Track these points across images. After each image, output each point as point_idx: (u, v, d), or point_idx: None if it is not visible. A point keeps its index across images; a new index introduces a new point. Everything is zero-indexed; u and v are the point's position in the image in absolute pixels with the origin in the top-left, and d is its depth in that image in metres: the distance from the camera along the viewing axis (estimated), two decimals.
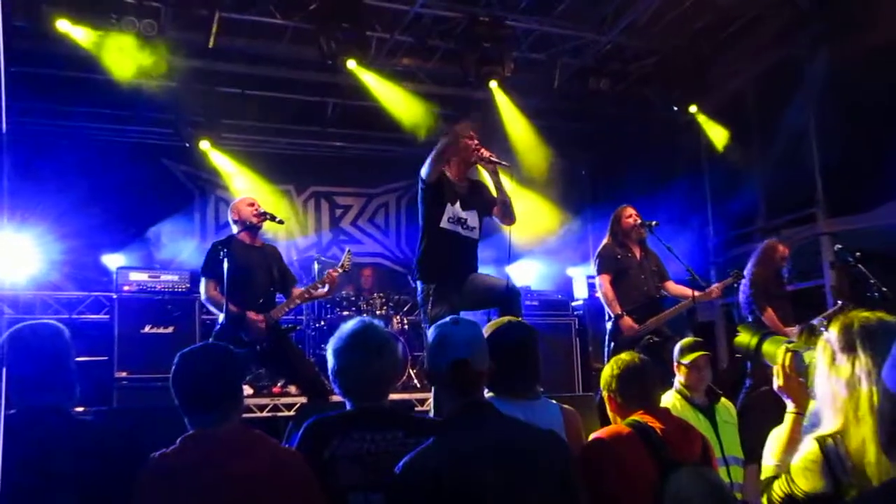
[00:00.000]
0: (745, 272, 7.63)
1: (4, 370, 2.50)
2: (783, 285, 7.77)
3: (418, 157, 12.06)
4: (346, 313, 9.84)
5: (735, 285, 7.42)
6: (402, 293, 10.78)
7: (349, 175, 12.90)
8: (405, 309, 10.75)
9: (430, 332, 2.74)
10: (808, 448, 2.42)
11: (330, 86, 10.64)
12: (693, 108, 10.62)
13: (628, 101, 11.11)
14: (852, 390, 2.33)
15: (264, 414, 8.24)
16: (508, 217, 5.83)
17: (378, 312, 10.00)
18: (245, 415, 8.11)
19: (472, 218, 5.78)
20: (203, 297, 6.23)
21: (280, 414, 8.17)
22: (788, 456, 2.57)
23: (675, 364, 4.96)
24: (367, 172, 12.96)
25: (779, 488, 2.54)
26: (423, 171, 5.68)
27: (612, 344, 7.00)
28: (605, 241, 7.42)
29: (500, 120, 10.57)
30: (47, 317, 9.10)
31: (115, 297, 8.83)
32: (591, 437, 3.37)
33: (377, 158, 12.76)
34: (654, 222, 7.31)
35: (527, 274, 11.73)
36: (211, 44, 9.08)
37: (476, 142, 5.75)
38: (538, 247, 11.94)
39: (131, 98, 9.43)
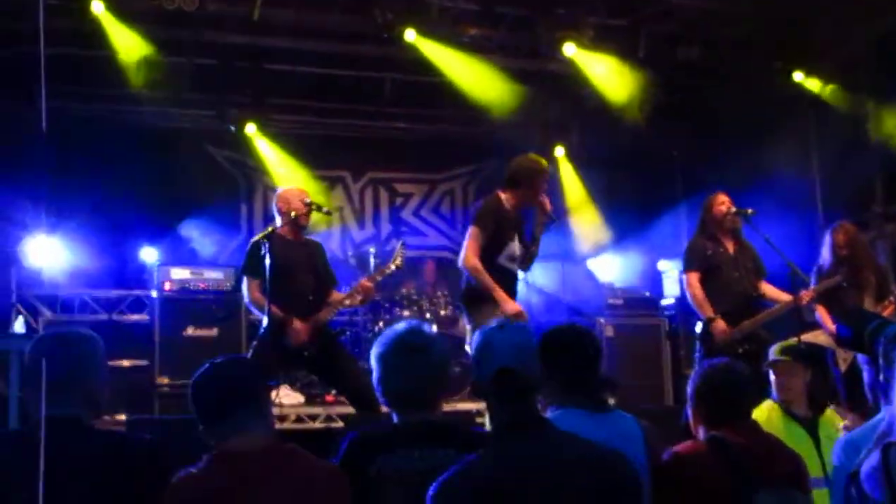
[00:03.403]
0: None
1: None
2: (847, 275, 7.52)
3: (487, 139, 12.42)
4: (406, 313, 10.01)
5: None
6: None
7: (410, 159, 13.03)
8: None
9: (475, 339, 2.84)
10: (875, 460, 2.50)
11: (387, 60, 10.72)
12: (799, 76, 10.46)
13: (723, 73, 11.00)
14: None
15: (317, 424, 8.47)
16: (524, 265, 6.67)
17: (442, 312, 10.14)
18: (297, 424, 8.42)
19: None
20: (246, 298, 6.47)
21: (334, 425, 8.36)
22: None
23: None
24: (429, 156, 13.06)
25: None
26: None
27: (703, 350, 7.04)
28: (695, 233, 7.43)
29: (581, 88, 10.62)
30: (86, 317, 9.50)
31: (155, 295, 9.14)
32: (667, 452, 3.43)
33: (441, 140, 12.87)
34: (750, 210, 7.31)
35: (610, 268, 11.76)
36: (255, 16, 9.25)
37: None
38: (624, 237, 11.96)
39: (169, 78, 9.70)
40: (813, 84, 10.54)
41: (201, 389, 2.85)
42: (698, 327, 7.19)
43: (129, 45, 9.12)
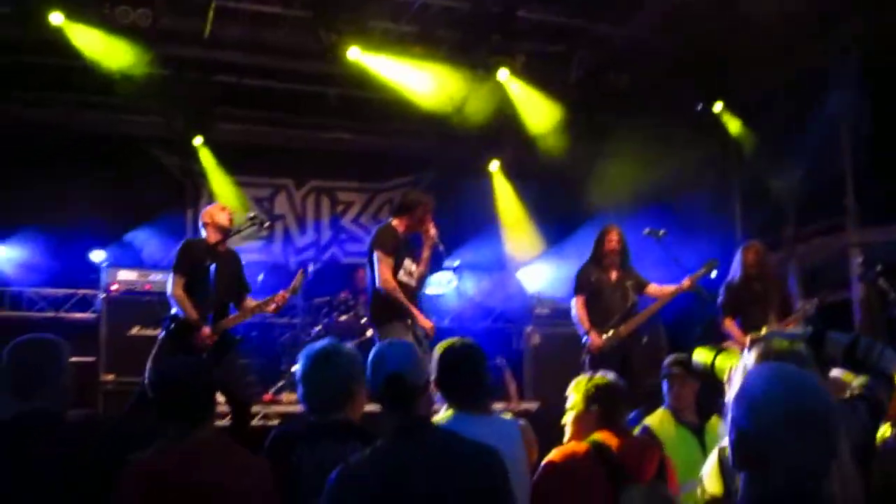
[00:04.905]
0: None
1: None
2: (755, 292, 8.21)
3: (426, 150, 12.87)
4: (343, 318, 10.44)
5: (710, 275, 8.02)
6: None
7: (352, 170, 13.35)
8: None
9: (370, 355, 3.35)
10: (714, 456, 3.09)
11: (331, 75, 11.16)
12: (718, 107, 11.12)
13: (650, 99, 11.61)
14: None
15: (255, 423, 8.83)
16: (418, 283, 7.45)
17: None
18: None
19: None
20: (170, 292, 6.91)
21: (270, 423, 8.76)
22: None
23: None
24: (371, 167, 13.39)
25: (700, 495, 3.21)
26: None
27: (586, 359, 7.96)
28: (587, 260, 8.31)
29: (512, 113, 11.17)
30: (33, 313, 9.84)
31: (102, 296, 9.50)
32: (545, 460, 3.95)
33: (382, 151, 13.20)
34: (661, 231, 8.02)
35: (539, 278, 12.23)
36: (206, 32, 9.66)
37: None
38: (554, 248, 12.42)
39: (120, 88, 9.96)
40: (728, 118, 11.18)
41: (168, 388, 3.36)
42: (584, 341, 8.07)
43: (84, 54, 9.41)
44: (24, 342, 3.52)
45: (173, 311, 6.88)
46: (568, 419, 4.14)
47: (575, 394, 4.13)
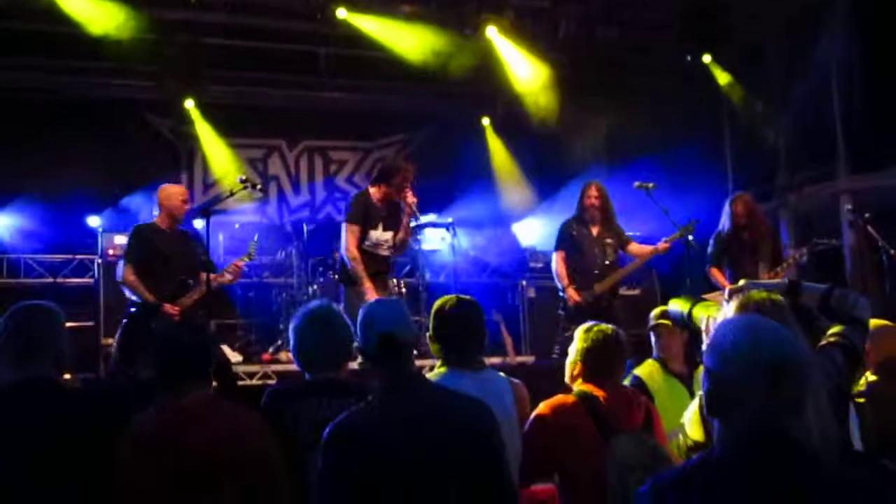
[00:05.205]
0: None
1: None
2: (745, 242, 8.31)
3: (418, 108, 12.93)
4: (337, 276, 10.51)
5: (689, 238, 8.11)
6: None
7: (344, 128, 13.40)
8: (403, 272, 11.43)
9: (359, 315, 3.44)
10: (695, 403, 3.20)
11: (322, 34, 11.19)
12: (707, 58, 11.14)
13: (640, 52, 11.64)
14: None
15: (254, 382, 8.95)
16: (399, 250, 7.84)
17: None
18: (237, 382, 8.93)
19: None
20: (121, 279, 7.05)
21: (270, 382, 8.88)
22: None
23: None
24: (363, 125, 13.45)
25: (682, 441, 3.32)
26: None
27: (563, 313, 8.28)
28: (570, 217, 8.44)
29: (500, 70, 11.19)
30: (31, 280, 9.94)
31: (99, 261, 9.60)
32: (535, 412, 4.05)
33: (374, 110, 13.23)
34: (651, 184, 8.04)
35: (533, 232, 12.34)
36: None
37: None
38: (547, 202, 12.52)
39: (112, 52, 10.03)
40: (717, 71, 11.21)
41: (170, 352, 3.46)
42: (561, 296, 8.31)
43: (73, 18, 9.44)
44: (20, 309, 3.61)
45: (133, 298, 6.95)
46: (567, 369, 4.23)
47: (576, 344, 4.22)
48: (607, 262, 8.23)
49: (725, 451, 2.15)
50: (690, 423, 3.33)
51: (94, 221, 10.77)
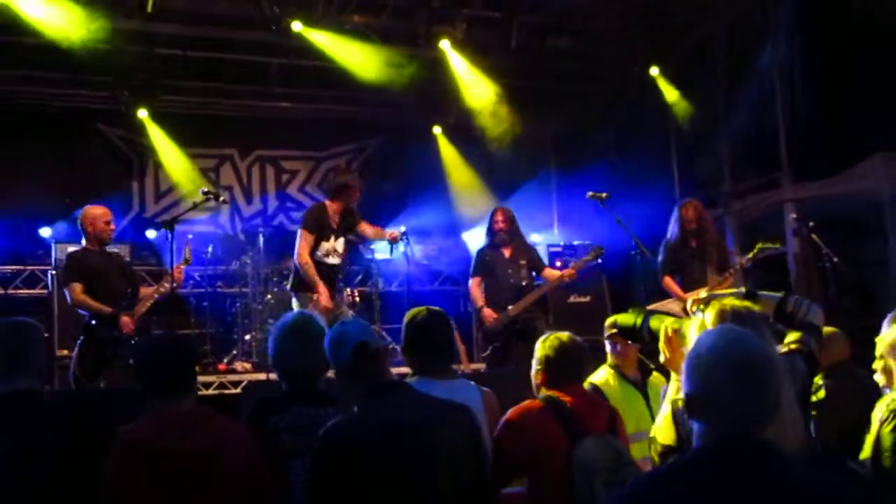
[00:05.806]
0: None
1: None
2: (693, 249, 8.48)
3: (369, 117, 13.01)
4: (290, 284, 10.55)
5: (597, 261, 8.41)
6: (352, 265, 11.42)
7: (296, 138, 13.47)
8: (356, 280, 11.51)
9: (327, 338, 3.63)
10: (665, 409, 3.36)
11: (275, 45, 11.12)
12: (655, 71, 11.37)
13: (590, 61, 11.84)
14: None
15: (211, 392, 8.99)
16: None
17: None
18: None
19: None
20: (72, 300, 7.19)
21: (227, 392, 8.93)
22: None
23: None
24: (315, 135, 13.51)
25: (654, 446, 3.48)
26: None
27: (480, 333, 8.77)
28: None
29: (452, 82, 11.32)
30: None
31: (53, 272, 9.55)
32: (504, 418, 4.17)
33: (326, 120, 13.26)
34: (604, 194, 8.21)
35: (483, 241, 12.44)
36: (150, 7, 9.64)
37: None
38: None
39: (65, 61, 9.97)
40: (664, 84, 11.45)
41: (150, 367, 3.54)
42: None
43: (27, 28, 9.35)
44: (2, 325, 3.68)
45: (84, 319, 7.17)
46: (532, 376, 4.37)
47: (536, 353, 4.36)
48: (523, 284, 8.51)
49: (703, 451, 2.30)
50: (662, 428, 3.48)
51: (46, 232, 10.71)
